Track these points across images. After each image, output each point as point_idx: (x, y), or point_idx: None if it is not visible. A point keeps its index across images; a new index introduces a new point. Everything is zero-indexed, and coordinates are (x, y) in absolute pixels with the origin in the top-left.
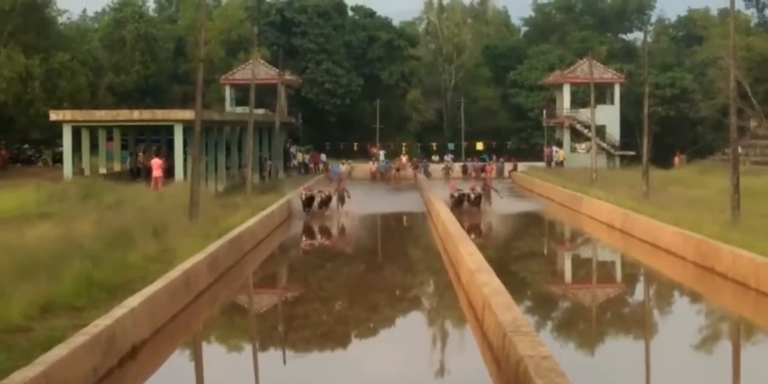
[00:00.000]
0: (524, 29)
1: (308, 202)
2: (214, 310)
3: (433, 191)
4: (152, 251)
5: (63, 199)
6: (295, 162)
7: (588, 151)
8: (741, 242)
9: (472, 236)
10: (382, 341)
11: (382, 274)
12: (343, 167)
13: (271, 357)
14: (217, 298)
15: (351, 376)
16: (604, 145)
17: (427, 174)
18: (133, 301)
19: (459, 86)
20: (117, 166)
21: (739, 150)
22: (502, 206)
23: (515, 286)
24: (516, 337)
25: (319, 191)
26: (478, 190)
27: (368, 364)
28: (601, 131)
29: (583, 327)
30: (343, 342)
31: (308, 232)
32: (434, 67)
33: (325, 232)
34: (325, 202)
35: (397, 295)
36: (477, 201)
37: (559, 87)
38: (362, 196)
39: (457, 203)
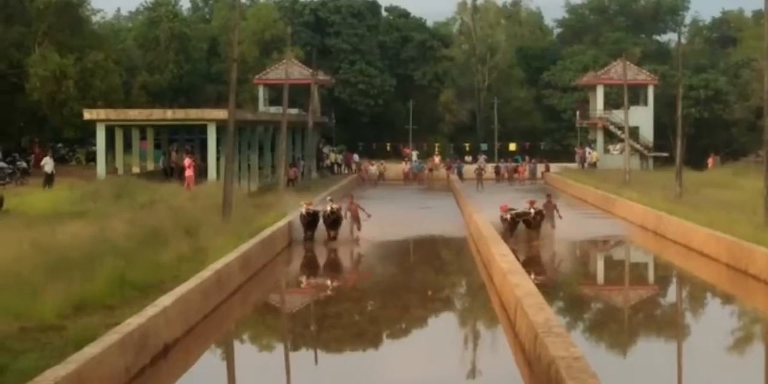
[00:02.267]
0: (557, 30)
1: (310, 221)
2: (246, 309)
3: (477, 206)
4: (185, 250)
5: (96, 198)
6: (328, 162)
7: (621, 152)
8: None
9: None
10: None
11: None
12: (372, 168)
13: (303, 356)
14: (249, 298)
15: (385, 376)
16: (638, 146)
17: (460, 175)
18: (166, 300)
19: (492, 87)
20: (150, 166)
21: None
22: (568, 229)
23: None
24: (548, 338)
25: (329, 201)
26: (538, 206)
27: (398, 362)
28: (634, 132)
29: (616, 328)
30: (375, 342)
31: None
32: (467, 68)
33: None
34: (334, 221)
35: None
36: (537, 222)
37: (593, 88)
38: (389, 204)
39: (511, 227)
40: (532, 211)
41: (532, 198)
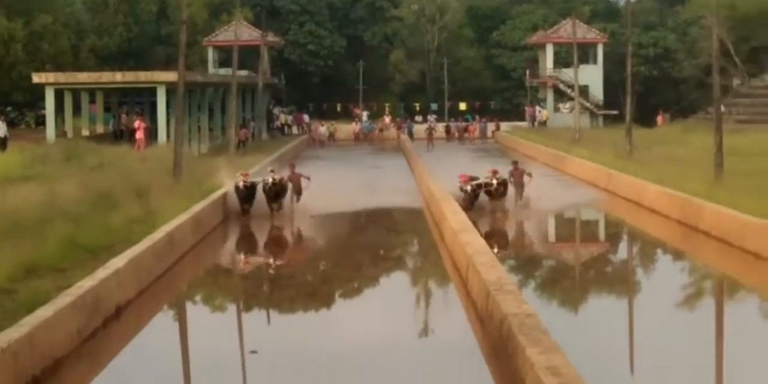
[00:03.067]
0: None
1: (248, 195)
2: (199, 271)
3: (428, 166)
4: (136, 213)
5: (46, 162)
6: (278, 123)
7: (571, 110)
8: (724, 200)
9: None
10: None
11: None
12: (322, 128)
13: (256, 316)
14: (201, 259)
15: (337, 335)
16: (588, 104)
17: (411, 135)
18: (118, 262)
19: (442, 47)
20: (100, 129)
21: (722, 109)
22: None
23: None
24: (500, 295)
25: (270, 172)
26: (502, 175)
27: (353, 321)
28: (584, 91)
29: (567, 285)
30: (327, 301)
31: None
32: (417, 28)
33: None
34: (277, 189)
35: None
36: (501, 193)
37: (543, 47)
38: (339, 165)
39: (471, 199)
40: (495, 181)
41: (493, 167)
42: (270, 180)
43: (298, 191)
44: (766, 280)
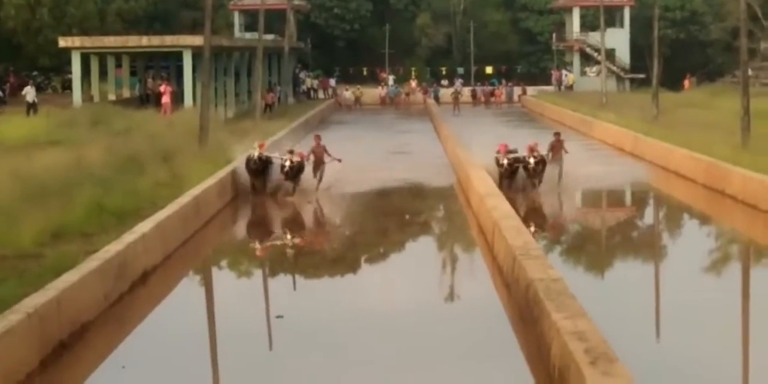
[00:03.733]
0: None
1: (261, 170)
2: (224, 236)
3: (454, 130)
4: (162, 177)
5: (72, 126)
6: (304, 87)
7: (598, 74)
8: (751, 164)
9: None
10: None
11: None
12: (348, 93)
13: (282, 281)
14: (227, 224)
15: (364, 300)
16: (614, 68)
17: (437, 99)
18: (144, 226)
19: (468, 10)
20: (126, 93)
21: (749, 72)
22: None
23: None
24: (526, 260)
25: (289, 153)
26: (540, 152)
27: (379, 286)
28: (611, 54)
29: (593, 250)
30: (354, 267)
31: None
32: None
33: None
34: (296, 171)
35: None
36: (539, 170)
37: (569, 10)
38: (365, 130)
39: (508, 174)
40: (532, 160)
41: (533, 141)
42: (288, 163)
43: (319, 168)
44: None
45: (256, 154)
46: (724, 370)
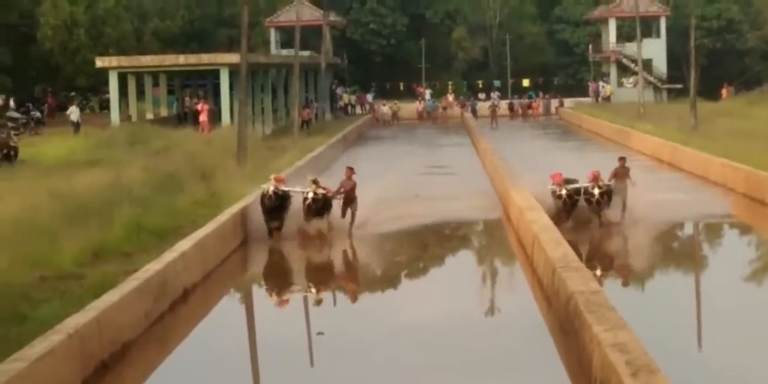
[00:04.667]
0: None
1: (277, 207)
2: (264, 253)
3: (493, 144)
4: (201, 195)
5: (111, 146)
6: (341, 103)
7: (635, 85)
8: None
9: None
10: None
11: None
12: (385, 108)
13: (323, 298)
14: (267, 242)
15: (407, 312)
16: (651, 78)
17: (474, 112)
18: (184, 245)
19: (504, 23)
20: (164, 112)
21: None
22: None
23: None
24: (566, 272)
25: (313, 183)
26: (605, 181)
27: (421, 299)
28: (647, 65)
29: (634, 262)
30: (395, 282)
31: None
32: (479, 5)
33: None
34: (319, 205)
35: None
36: (604, 201)
37: (605, 21)
38: (402, 146)
39: (567, 208)
40: (597, 190)
41: (596, 169)
42: (311, 195)
43: (349, 206)
44: None
45: (271, 188)
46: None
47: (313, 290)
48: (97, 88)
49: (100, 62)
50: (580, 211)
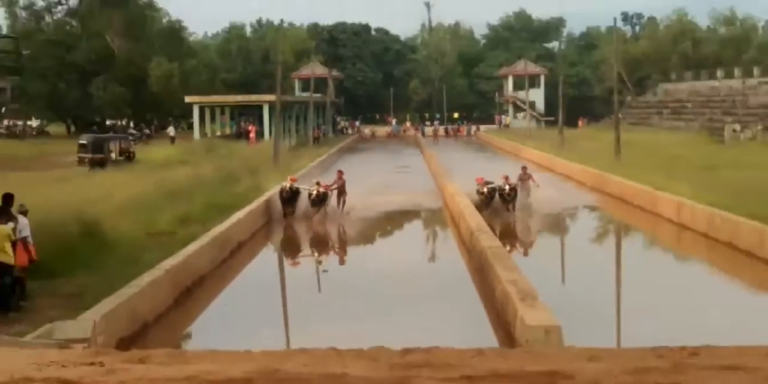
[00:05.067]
0: (483, 41)
1: (291, 198)
2: (290, 220)
3: (434, 153)
4: (250, 184)
5: (193, 152)
6: (339, 127)
7: (524, 118)
8: (622, 174)
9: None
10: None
11: None
12: (366, 130)
13: (329, 248)
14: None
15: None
16: (534, 114)
17: (423, 133)
18: (239, 215)
19: (443, 78)
20: (227, 131)
21: (620, 116)
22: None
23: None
24: (480, 235)
25: (316, 184)
26: (513, 181)
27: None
28: (532, 105)
29: (525, 232)
30: (371, 242)
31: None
32: (427, 66)
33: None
34: (320, 199)
35: None
36: (512, 196)
37: (506, 77)
38: (377, 152)
39: (487, 201)
40: (507, 187)
41: (506, 174)
42: (315, 192)
43: (342, 195)
44: (650, 225)
45: (288, 185)
46: (606, 300)
47: (317, 249)
48: (185, 115)
49: (188, 99)
50: (495, 204)
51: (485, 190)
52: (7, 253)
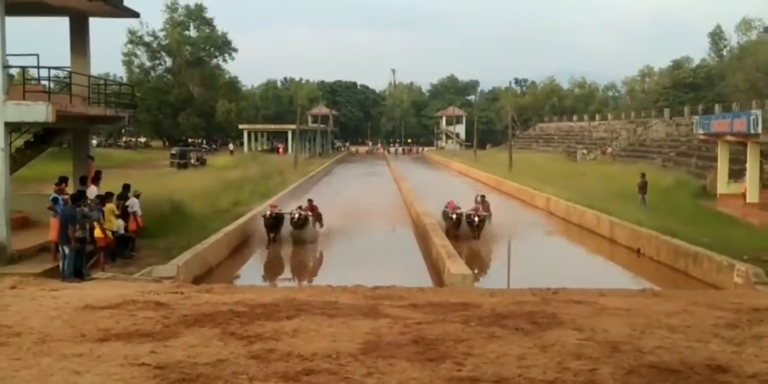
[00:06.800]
0: (427, 93)
1: (273, 225)
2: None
3: (396, 163)
4: (278, 180)
5: (243, 160)
6: (335, 146)
7: (452, 143)
8: (513, 179)
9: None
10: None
11: None
12: (353, 148)
13: (332, 205)
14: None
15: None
16: (459, 140)
17: (389, 151)
18: (273, 199)
19: (402, 117)
20: (265, 147)
21: (512, 143)
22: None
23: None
24: (424, 217)
25: (298, 208)
26: (483, 212)
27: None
28: (457, 135)
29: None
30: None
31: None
32: (392, 109)
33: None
34: (301, 222)
35: None
36: (480, 226)
37: (441, 117)
38: (360, 161)
39: (455, 226)
40: (476, 219)
41: (475, 206)
42: (296, 215)
43: (319, 219)
44: (528, 212)
45: (268, 212)
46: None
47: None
48: (239, 137)
49: (241, 126)
50: (462, 228)
51: (454, 216)
52: (113, 222)
